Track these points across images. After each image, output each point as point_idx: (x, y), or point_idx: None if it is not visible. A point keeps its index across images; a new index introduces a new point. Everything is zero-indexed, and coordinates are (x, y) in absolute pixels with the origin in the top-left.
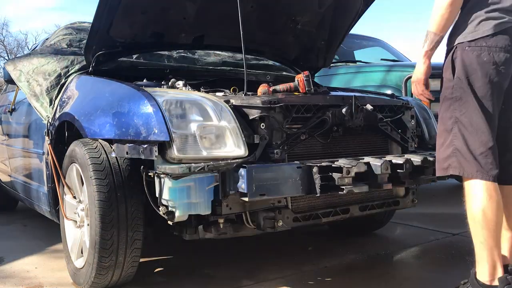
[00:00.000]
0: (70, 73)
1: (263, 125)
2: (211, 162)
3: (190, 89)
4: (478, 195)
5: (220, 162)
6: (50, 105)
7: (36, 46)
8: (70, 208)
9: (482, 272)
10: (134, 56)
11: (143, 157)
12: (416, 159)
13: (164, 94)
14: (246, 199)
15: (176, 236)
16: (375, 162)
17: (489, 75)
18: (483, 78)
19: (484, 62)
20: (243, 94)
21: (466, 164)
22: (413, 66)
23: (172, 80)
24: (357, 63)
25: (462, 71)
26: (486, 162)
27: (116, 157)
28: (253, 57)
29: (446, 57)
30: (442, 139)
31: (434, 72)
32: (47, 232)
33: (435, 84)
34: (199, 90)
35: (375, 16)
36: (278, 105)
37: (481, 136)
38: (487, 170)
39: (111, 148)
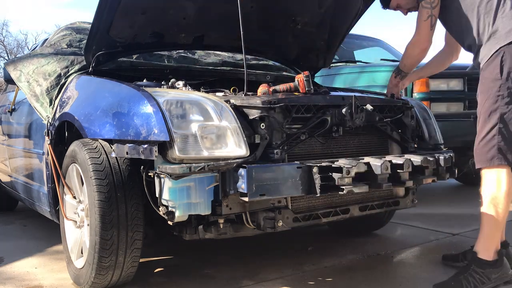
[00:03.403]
0: (70, 73)
1: (263, 125)
2: (212, 162)
3: (190, 89)
4: (503, 181)
5: (220, 162)
6: (50, 105)
7: (36, 46)
8: (70, 208)
9: (486, 250)
10: (134, 56)
11: (143, 157)
12: (416, 159)
13: (164, 94)
14: (246, 199)
15: (176, 236)
16: (375, 162)
17: None
18: None
19: None
20: (243, 94)
21: (509, 155)
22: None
23: (172, 80)
24: (360, 63)
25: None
26: None
27: (116, 157)
28: (253, 57)
29: (490, 59)
30: (484, 132)
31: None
32: (47, 232)
33: (435, 84)
34: (199, 90)
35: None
36: (278, 105)
37: None
38: None
39: (111, 148)
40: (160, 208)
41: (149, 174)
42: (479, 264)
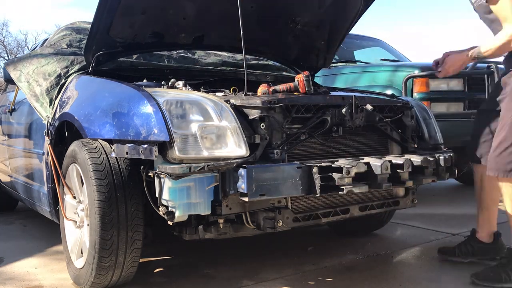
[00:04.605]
0: (70, 73)
1: (263, 125)
2: (212, 162)
3: (190, 89)
4: None
5: (220, 162)
6: (50, 105)
7: (36, 46)
8: (70, 208)
9: None
10: (134, 56)
11: (143, 157)
12: (416, 159)
13: (164, 94)
14: (246, 199)
15: (176, 236)
16: (375, 162)
17: None
18: None
19: None
20: (243, 94)
21: None
22: (418, 67)
23: (172, 80)
24: (360, 63)
25: None
26: None
27: (116, 157)
28: (253, 57)
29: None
30: (507, 143)
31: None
32: (47, 232)
33: (435, 84)
34: (199, 90)
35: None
36: (278, 105)
37: None
38: None
39: (111, 148)
40: (160, 208)
41: (149, 174)
42: None
